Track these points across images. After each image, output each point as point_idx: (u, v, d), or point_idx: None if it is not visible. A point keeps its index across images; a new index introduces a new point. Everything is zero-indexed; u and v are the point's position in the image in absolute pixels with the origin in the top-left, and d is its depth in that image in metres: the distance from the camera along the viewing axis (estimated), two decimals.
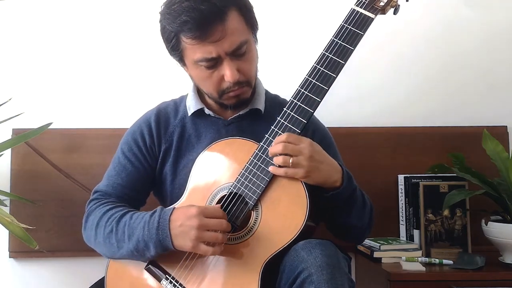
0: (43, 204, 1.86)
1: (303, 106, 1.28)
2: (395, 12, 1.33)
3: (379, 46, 1.99)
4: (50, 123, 1.69)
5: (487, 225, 1.66)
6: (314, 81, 1.28)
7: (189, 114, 1.48)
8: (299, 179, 1.24)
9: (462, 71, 2.03)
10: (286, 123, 1.28)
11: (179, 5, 1.29)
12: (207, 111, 1.47)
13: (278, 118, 1.29)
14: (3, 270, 1.93)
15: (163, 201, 1.48)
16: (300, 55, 1.92)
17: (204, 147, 1.38)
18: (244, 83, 1.37)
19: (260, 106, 1.46)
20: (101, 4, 1.99)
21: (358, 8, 1.29)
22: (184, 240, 1.22)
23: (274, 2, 2.00)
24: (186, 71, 1.44)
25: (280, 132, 1.28)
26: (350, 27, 1.28)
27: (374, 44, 1.93)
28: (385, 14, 1.31)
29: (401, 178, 1.90)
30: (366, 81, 2.02)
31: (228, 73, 1.32)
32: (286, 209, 1.25)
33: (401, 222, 1.90)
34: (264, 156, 1.27)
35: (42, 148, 1.88)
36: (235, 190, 1.28)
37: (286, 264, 1.20)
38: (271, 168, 1.25)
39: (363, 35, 1.27)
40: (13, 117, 1.68)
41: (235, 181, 1.29)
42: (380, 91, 2.02)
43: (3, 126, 1.70)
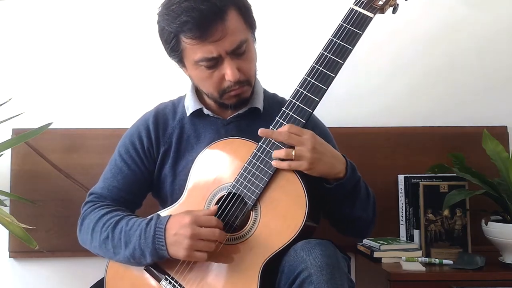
0: (43, 204, 1.85)
1: (302, 106, 1.28)
2: (394, 11, 1.33)
3: (378, 45, 1.98)
4: (50, 123, 1.69)
5: (487, 225, 1.66)
6: (313, 81, 1.28)
7: (187, 115, 1.47)
8: (303, 171, 1.24)
9: (462, 71, 2.03)
10: (285, 123, 1.28)
11: (178, 5, 1.28)
12: (205, 111, 1.46)
13: (277, 118, 1.29)
14: (3, 270, 1.93)
15: (163, 201, 1.48)
16: (299, 55, 1.92)
17: (203, 147, 1.38)
18: (244, 82, 1.37)
19: (259, 105, 1.46)
20: (101, 4, 1.99)
21: (356, 8, 1.29)
22: (178, 249, 1.23)
23: (273, 2, 1.99)
24: (185, 72, 1.44)
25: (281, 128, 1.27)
26: (349, 27, 1.28)
27: (373, 43, 1.93)
28: (384, 13, 1.31)
29: (401, 178, 1.90)
30: (366, 80, 2.01)
31: (229, 72, 1.32)
32: (286, 209, 1.24)
33: (401, 222, 1.89)
34: (263, 156, 1.27)
35: (42, 148, 1.88)
36: (234, 190, 1.28)
37: (285, 265, 1.20)
38: (274, 163, 1.25)
39: (362, 35, 1.27)
40: (13, 117, 1.68)
41: (234, 181, 1.29)
42: (380, 90, 2.01)
43: (3, 126, 1.70)
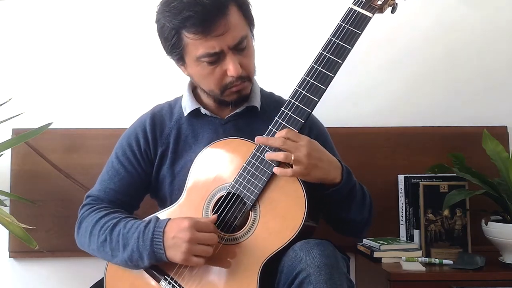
0: (43, 204, 1.85)
1: (301, 106, 1.27)
2: (392, 11, 1.32)
3: (377, 45, 1.98)
4: (50, 123, 1.69)
5: (487, 225, 1.66)
6: (312, 80, 1.28)
7: (185, 115, 1.47)
8: (298, 178, 1.24)
9: (462, 71, 2.02)
10: (284, 123, 1.28)
11: (180, 1, 1.29)
12: (203, 110, 1.46)
13: (276, 118, 1.29)
14: (3, 270, 1.93)
15: (162, 202, 1.48)
16: (298, 55, 1.91)
17: (201, 147, 1.38)
18: (245, 78, 1.37)
19: (256, 103, 1.46)
20: (100, 4, 1.99)
21: (355, 7, 1.29)
22: (175, 252, 1.23)
23: (272, 1, 1.99)
24: (184, 71, 1.44)
25: (278, 132, 1.27)
26: (347, 26, 1.28)
27: (372, 43, 1.93)
28: (383, 13, 1.31)
29: (401, 178, 1.90)
30: (365, 80, 2.01)
31: (231, 67, 1.32)
32: (285, 209, 1.24)
33: (401, 222, 1.89)
34: (262, 156, 1.27)
35: (42, 148, 1.89)
36: (233, 191, 1.28)
37: (284, 265, 1.20)
38: (276, 170, 1.24)
39: (360, 34, 1.27)
40: (13, 117, 1.68)
41: (233, 181, 1.29)
42: (379, 90, 2.01)
43: (3, 126, 1.70)
